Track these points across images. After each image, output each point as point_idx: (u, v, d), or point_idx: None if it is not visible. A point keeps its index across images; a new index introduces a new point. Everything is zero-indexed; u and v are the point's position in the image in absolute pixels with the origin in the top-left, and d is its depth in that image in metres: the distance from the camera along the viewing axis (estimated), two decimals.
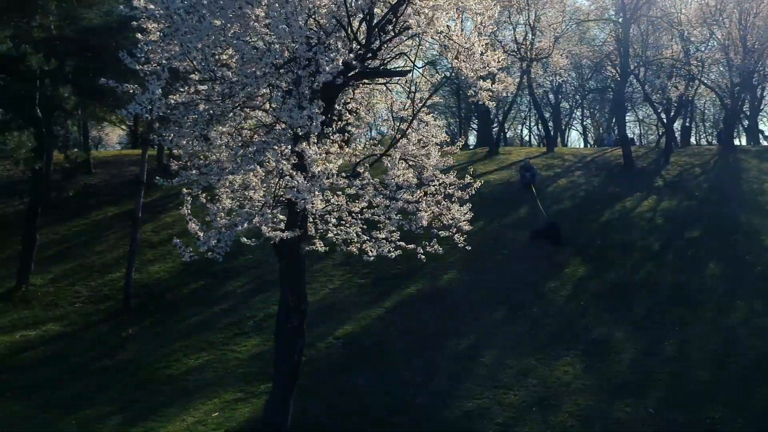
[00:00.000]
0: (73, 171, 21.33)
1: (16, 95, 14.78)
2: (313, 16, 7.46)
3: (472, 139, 46.96)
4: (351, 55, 7.43)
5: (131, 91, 7.13)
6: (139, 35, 7.46)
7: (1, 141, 12.67)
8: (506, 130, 48.41)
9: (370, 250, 9.55)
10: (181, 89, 7.48)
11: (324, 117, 7.22)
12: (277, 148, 7.64)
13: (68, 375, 12.61)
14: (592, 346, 13.02)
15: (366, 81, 8.59)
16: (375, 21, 7.76)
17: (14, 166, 19.70)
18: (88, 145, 32.32)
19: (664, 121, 32.04)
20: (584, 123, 54.37)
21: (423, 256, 9.56)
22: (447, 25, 8.01)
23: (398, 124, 8.81)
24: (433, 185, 9.06)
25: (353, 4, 7.42)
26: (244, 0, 6.91)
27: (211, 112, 7.56)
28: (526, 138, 56.91)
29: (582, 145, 52.72)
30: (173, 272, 17.57)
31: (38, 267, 17.72)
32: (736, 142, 36.48)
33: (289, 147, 7.48)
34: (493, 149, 31.81)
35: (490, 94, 8.08)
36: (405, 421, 10.46)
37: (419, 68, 8.31)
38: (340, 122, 8.71)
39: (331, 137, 8.33)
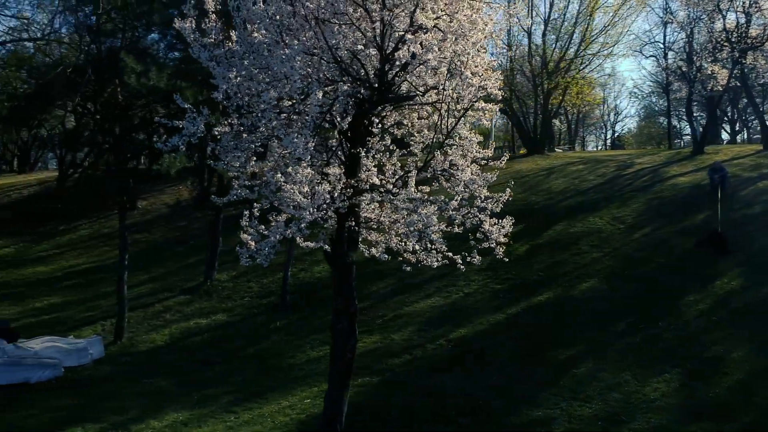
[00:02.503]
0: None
1: None
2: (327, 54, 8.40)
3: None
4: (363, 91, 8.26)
5: (180, 126, 8.66)
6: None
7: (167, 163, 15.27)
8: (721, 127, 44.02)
9: (411, 258, 10.00)
10: (225, 122, 8.88)
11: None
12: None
13: (217, 358, 14.84)
14: (701, 365, 12.22)
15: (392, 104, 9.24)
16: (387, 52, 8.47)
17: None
18: None
19: None
20: None
21: (462, 266, 9.85)
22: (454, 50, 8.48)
23: (434, 141, 9.41)
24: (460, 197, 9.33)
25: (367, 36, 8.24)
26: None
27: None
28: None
29: None
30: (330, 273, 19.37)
31: (226, 266, 20.62)
32: None
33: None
34: (698, 148, 29.65)
35: (490, 114, 8.37)
36: (467, 422, 10.91)
37: (422, 93, 8.76)
38: (380, 141, 9.50)
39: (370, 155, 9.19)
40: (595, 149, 68.96)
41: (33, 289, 21.25)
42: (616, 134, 72.56)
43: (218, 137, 8.83)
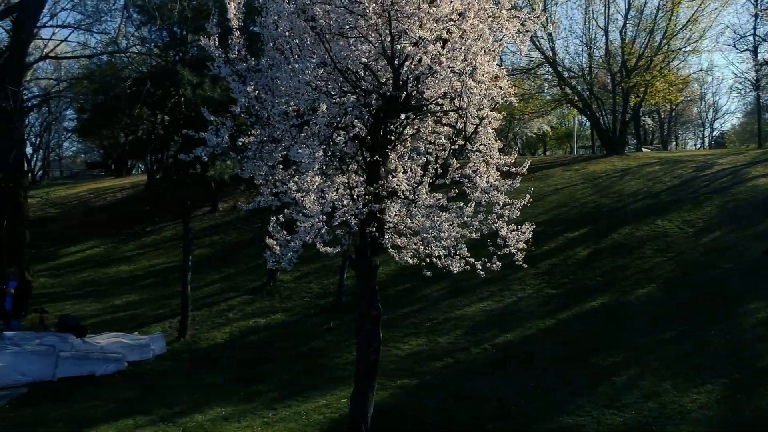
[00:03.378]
0: None
1: None
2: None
3: None
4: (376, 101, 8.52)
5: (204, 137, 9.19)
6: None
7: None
8: None
9: (437, 263, 10.14)
10: (249, 132, 9.35)
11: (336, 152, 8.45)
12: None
13: (269, 356, 15.42)
14: (751, 377, 11.74)
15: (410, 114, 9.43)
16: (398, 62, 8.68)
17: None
18: None
19: None
20: None
21: (482, 272, 9.89)
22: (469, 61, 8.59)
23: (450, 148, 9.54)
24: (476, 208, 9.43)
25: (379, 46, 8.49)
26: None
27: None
28: None
29: None
30: (390, 275, 19.69)
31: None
32: None
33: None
34: None
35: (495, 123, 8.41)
36: (496, 427, 10.95)
37: (431, 102, 8.89)
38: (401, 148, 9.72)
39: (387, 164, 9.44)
40: (694, 148, 66.29)
41: (115, 287, 22.68)
42: (717, 132, 69.47)
43: (241, 148, 9.31)
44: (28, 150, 46.96)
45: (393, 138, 9.53)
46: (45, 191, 36.30)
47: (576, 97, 34.89)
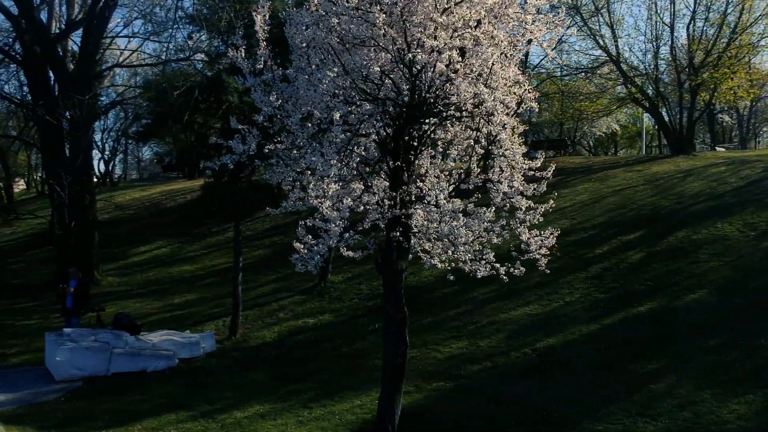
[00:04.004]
0: None
1: None
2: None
3: None
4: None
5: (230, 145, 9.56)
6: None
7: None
8: None
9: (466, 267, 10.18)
10: (275, 139, 9.68)
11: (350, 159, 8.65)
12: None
13: (312, 356, 15.77)
14: None
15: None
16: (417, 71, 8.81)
17: None
18: None
19: None
20: None
21: (506, 278, 9.88)
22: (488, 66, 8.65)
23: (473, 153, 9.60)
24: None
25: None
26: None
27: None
28: None
29: None
30: (439, 277, 19.74)
31: (343, 268, 21.66)
32: None
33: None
34: None
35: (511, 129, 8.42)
36: (519, 431, 10.94)
37: (449, 109, 8.94)
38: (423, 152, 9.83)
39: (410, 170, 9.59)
40: None
41: (176, 285, 23.58)
42: None
43: (268, 155, 9.64)
44: (107, 154, 49.34)
45: (416, 144, 9.66)
46: (110, 194, 37.90)
47: (641, 96, 34.00)
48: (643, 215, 22.22)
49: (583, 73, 35.06)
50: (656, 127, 46.21)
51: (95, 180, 42.79)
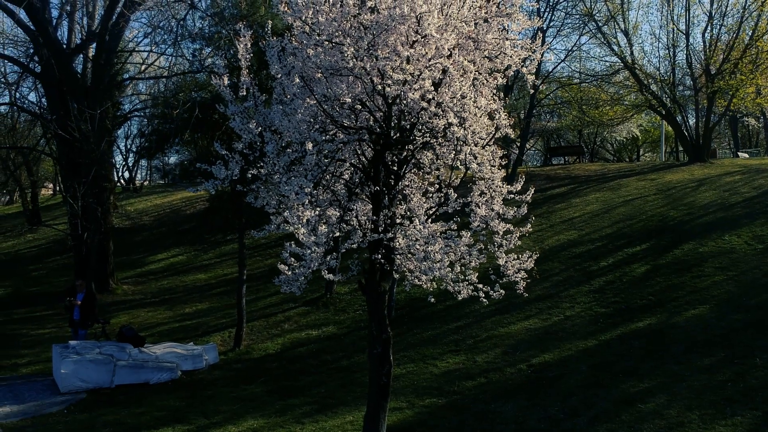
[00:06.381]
0: None
1: None
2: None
3: None
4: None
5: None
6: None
7: None
8: None
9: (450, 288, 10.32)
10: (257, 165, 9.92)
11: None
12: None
13: (312, 369, 16.00)
14: None
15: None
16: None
17: None
18: None
19: None
20: None
21: (486, 300, 9.99)
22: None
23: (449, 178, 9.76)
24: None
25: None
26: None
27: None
28: None
29: None
30: (442, 290, 19.83)
31: (351, 278, 21.82)
32: None
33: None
34: None
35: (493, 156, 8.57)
36: None
37: (426, 137, 9.10)
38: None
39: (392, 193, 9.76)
40: None
41: (188, 294, 23.99)
42: None
43: (251, 180, 9.90)
44: (130, 160, 50.15)
45: (397, 168, 9.84)
46: (129, 202, 38.55)
47: (657, 103, 33.72)
48: (651, 227, 22.11)
49: (597, 80, 34.80)
50: (673, 134, 45.69)
51: (119, 186, 43.63)
